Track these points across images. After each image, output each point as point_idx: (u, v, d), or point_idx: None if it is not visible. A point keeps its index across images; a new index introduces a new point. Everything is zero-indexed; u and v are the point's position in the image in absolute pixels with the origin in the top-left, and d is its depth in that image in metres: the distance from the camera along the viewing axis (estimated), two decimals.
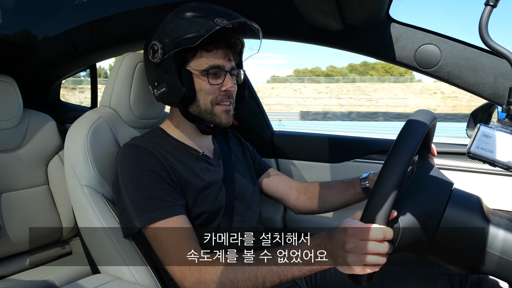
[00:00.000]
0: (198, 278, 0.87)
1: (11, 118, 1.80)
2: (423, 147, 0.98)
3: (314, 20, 1.34)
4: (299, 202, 1.33)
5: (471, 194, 0.85)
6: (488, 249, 0.77)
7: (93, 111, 1.20)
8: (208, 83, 1.06)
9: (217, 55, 1.07)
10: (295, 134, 1.86)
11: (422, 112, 0.85)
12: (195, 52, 1.06)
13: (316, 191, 1.30)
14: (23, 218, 1.82)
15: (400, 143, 0.76)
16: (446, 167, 1.44)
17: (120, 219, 1.04)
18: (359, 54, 1.39)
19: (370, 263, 0.73)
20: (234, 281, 0.84)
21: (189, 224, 0.97)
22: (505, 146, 0.71)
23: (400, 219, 0.79)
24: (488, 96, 1.20)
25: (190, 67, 1.06)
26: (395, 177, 0.72)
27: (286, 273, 0.82)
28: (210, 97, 1.07)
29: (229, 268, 0.85)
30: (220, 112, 1.09)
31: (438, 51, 1.24)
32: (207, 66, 1.05)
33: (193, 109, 1.09)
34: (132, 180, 1.00)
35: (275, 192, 1.36)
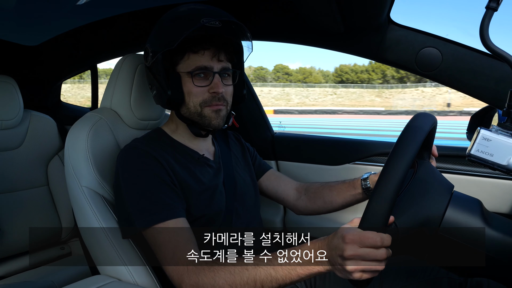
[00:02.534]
0: (196, 282, 0.86)
1: (12, 119, 1.80)
2: (424, 149, 0.98)
3: (315, 23, 1.34)
4: (300, 203, 1.33)
5: (471, 197, 0.85)
6: (487, 252, 0.77)
7: (94, 112, 1.20)
8: (194, 85, 1.05)
9: (204, 56, 1.05)
10: (295, 136, 1.86)
11: (422, 115, 0.84)
12: (183, 55, 1.05)
13: (317, 191, 1.30)
14: (23, 218, 1.82)
15: (398, 149, 0.76)
16: (446, 170, 1.44)
17: (120, 220, 1.04)
18: (360, 57, 1.39)
19: (369, 270, 0.73)
20: (232, 285, 0.84)
21: (188, 227, 0.97)
22: (505, 149, 0.71)
23: (398, 224, 0.79)
24: (488, 100, 1.20)
25: (179, 69, 1.06)
26: (393, 185, 0.72)
27: (284, 278, 0.82)
28: (198, 99, 1.06)
29: (228, 272, 0.85)
30: (210, 112, 1.07)
31: (439, 54, 1.24)
32: (193, 67, 1.05)
33: (184, 111, 1.09)
34: (132, 182, 1.00)
35: (276, 193, 1.35)
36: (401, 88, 56.74)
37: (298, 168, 1.75)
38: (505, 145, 0.71)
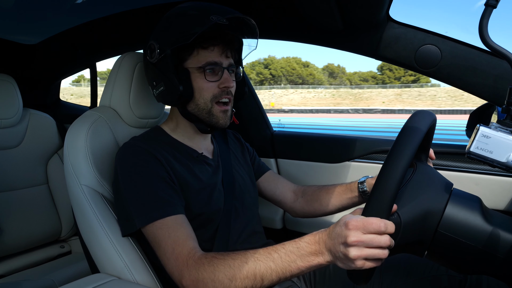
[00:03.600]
0: (196, 277, 0.86)
1: (11, 117, 1.80)
2: (421, 151, 0.99)
3: (314, 20, 1.34)
4: (297, 205, 1.33)
5: (470, 194, 0.86)
6: (487, 249, 0.77)
7: (93, 110, 1.19)
8: (206, 80, 1.06)
9: (213, 52, 1.07)
10: (295, 134, 1.86)
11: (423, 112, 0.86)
12: (192, 50, 1.06)
13: (313, 194, 1.30)
14: (23, 217, 1.82)
15: (402, 138, 0.77)
16: (445, 168, 1.44)
17: (119, 218, 1.04)
18: (359, 54, 1.39)
19: (372, 257, 0.73)
20: (232, 279, 0.84)
21: (187, 224, 0.97)
22: (504, 146, 0.71)
23: (401, 215, 0.79)
24: (487, 97, 1.20)
25: (187, 65, 1.07)
26: (397, 172, 0.72)
27: (284, 271, 0.82)
28: (209, 94, 1.07)
29: (227, 266, 0.85)
30: (218, 112, 1.09)
31: (438, 51, 1.23)
32: (203, 63, 1.06)
33: (192, 107, 1.09)
34: (131, 179, 1.00)
35: (273, 195, 1.36)
36: (258, 90, 57.24)
37: (297, 166, 1.76)
38: (504, 142, 0.71)
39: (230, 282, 0.84)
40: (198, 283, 0.86)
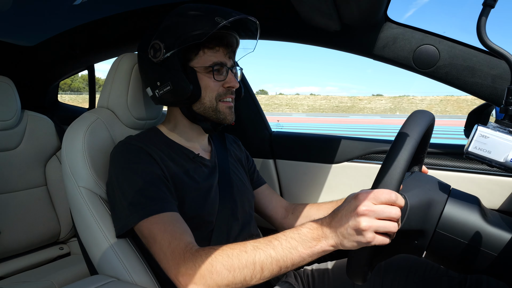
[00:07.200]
0: (194, 271, 0.83)
1: (9, 119, 1.80)
2: (415, 163, 0.99)
3: (312, 20, 1.34)
4: (287, 221, 1.32)
5: (469, 194, 0.86)
6: (486, 249, 0.77)
7: (91, 112, 1.19)
8: (213, 79, 1.08)
9: (218, 52, 1.09)
10: (293, 135, 1.86)
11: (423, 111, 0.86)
12: (198, 50, 1.07)
13: (304, 211, 1.30)
14: (21, 219, 1.82)
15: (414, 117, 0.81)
16: (443, 168, 1.44)
17: (114, 216, 1.02)
18: (357, 55, 1.39)
19: (383, 229, 0.72)
20: (231, 270, 0.81)
21: (183, 221, 0.95)
22: (502, 146, 0.71)
23: (408, 197, 0.80)
24: (486, 97, 1.20)
25: (194, 65, 1.07)
26: (409, 145, 0.75)
27: (285, 259, 0.79)
28: (214, 93, 1.09)
29: (225, 255, 0.82)
30: (224, 108, 1.11)
31: (436, 52, 1.24)
32: (211, 63, 1.07)
33: (197, 107, 1.09)
34: (125, 176, 0.99)
35: (266, 209, 1.35)
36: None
37: (296, 166, 1.76)
38: (502, 142, 0.71)
39: (228, 272, 0.81)
40: (196, 277, 0.82)
